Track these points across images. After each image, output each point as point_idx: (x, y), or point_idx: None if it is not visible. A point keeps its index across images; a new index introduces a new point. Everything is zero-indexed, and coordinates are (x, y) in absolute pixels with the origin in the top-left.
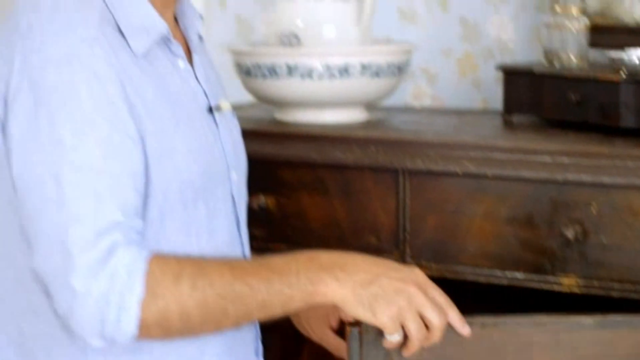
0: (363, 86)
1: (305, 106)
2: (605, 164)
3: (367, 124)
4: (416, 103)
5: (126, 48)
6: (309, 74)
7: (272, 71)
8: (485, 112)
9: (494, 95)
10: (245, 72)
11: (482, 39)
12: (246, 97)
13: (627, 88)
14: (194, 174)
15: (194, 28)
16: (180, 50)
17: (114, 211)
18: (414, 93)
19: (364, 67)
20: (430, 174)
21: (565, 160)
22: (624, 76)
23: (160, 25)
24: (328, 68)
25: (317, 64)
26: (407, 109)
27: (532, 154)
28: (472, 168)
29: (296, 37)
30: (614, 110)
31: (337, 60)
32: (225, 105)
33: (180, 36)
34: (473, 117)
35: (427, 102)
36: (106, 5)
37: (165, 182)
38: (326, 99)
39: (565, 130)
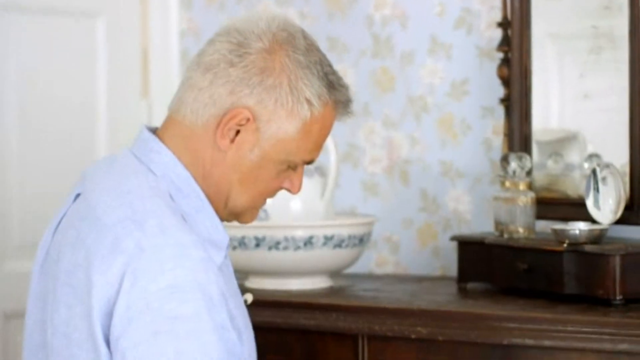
0: (326, 256)
1: (272, 275)
2: (547, 329)
3: (330, 291)
4: (379, 270)
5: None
6: (275, 245)
7: (242, 243)
8: (443, 279)
9: (452, 263)
10: None
11: (440, 210)
12: None
13: (569, 258)
14: None
15: None
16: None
17: None
18: (377, 261)
19: (327, 239)
20: (387, 338)
21: (511, 325)
22: (566, 247)
23: (225, 238)
24: (293, 240)
25: (282, 236)
26: (370, 276)
27: (480, 320)
28: (424, 333)
29: (264, 211)
30: (558, 278)
31: (302, 233)
32: (250, 298)
33: None
34: (431, 284)
35: (390, 269)
36: (185, 221)
37: None
38: (291, 268)
39: (514, 297)
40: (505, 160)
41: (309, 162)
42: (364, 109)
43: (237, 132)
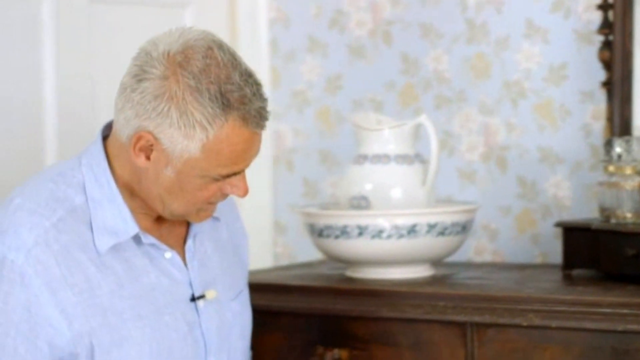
0: (430, 244)
1: (374, 264)
2: None
3: (433, 280)
4: (478, 258)
5: (89, 245)
6: (378, 234)
7: (344, 232)
8: (543, 267)
9: (552, 250)
10: (318, 233)
11: (539, 197)
12: (315, 255)
13: None
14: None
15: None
16: (161, 245)
17: None
18: (476, 249)
19: (431, 227)
20: (497, 326)
21: (624, 311)
22: None
23: (130, 229)
24: (397, 228)
25: (386, 224)
26: (469, 265)
27: (593, 306)
28: (536, 320)
29: (366, 199)
30: None
31: (405, 221)
32: (211, 295)
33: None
34: (533, 272)
35: (488, 257)
36: (87, 202)
37: None
38: (395, 257)
39: (623, 283)
40: (609, 144)
41: (236, 174)
42: (459, 95)
43: (152, 150)
